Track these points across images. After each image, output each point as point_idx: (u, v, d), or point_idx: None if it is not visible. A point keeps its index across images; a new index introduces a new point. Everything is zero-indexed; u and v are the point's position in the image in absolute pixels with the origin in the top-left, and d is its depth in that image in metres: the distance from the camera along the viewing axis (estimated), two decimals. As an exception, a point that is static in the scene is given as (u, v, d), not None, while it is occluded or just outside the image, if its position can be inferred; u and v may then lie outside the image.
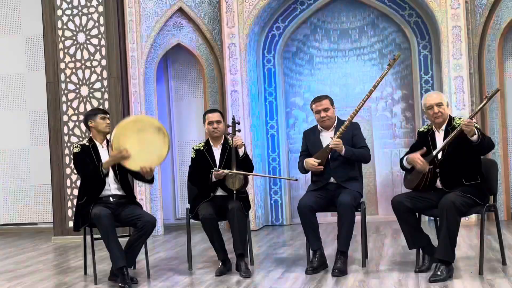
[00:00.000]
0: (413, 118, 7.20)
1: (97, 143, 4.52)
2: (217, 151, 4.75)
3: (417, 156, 4.16)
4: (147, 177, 4.40)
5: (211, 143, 4.78)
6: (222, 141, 4.77)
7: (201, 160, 4.73)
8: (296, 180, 5.01)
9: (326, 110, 4.56)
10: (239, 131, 4.78)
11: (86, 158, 4.41)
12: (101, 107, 6.70)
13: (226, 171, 4.51)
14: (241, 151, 4.67)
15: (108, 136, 4.56)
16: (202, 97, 7.69)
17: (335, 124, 4.63)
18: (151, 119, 4.47)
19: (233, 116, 4.86)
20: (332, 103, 4.62)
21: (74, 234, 6.52)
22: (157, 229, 6.96)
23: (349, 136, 4.56)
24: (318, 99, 4.61)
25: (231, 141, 4.65)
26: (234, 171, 4.57)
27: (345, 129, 4.42)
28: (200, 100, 7.74)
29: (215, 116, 4.70)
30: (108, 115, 4.55)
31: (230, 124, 4.76)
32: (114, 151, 4.27)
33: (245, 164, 4.69)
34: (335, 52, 7.52)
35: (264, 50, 7.51)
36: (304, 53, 7.55)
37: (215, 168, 4.57)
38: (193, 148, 4.81)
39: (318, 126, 4.69)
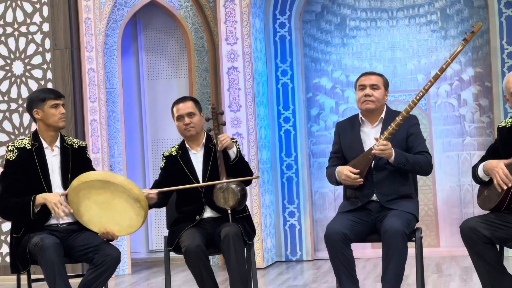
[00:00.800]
0: (491, 107, 7.17)
1: (45, 145, 4.49)
2: (197, 157, 4.74)
3: (499, 165, 4.10)
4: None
5: (187, 146, 4.76)
6: (203, 141, 4.75)
7: (175, 171, 4.71)
8: (258, 177, 4.86)
9: (374, 87, 4.56)
10: (223, 124, 4.73)
11: (18, 174, 4.37)
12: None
13: (151, 192, 4.49)
14: (232, 152, 4.64)
15: (64, 135, 4.57)
16: (187, 76, 7.68)
17: (383, 115, 4.60)
18: (128, 184, 4.39)
19: (213, 105, 4.81)
20: (386, 85, 4.62)
21: (8, 273, 6.52)
22: (122, 266, 6.95)
23: (402, 135, 4.52)
24: (367, 73, 4.67)
25: (215, 141, 4.61)
26: (224, 180, 4.54)
27: (397, 127, 4.38)
28: (184, 81, 7.72)
29: (186, 107, 4.68)
30: (62, 101, 4.51)
31: (210, 116, 4.72)
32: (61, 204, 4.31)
33: (240, 168, 4.66)
34: (377, 12, 7.49)
35: (275, 9, 7.48)
36: (333, 14, 7.52)
37: (146, 189, 4.57)
38: (163, 155, 4.81)
39: (360, 115, 4.65)
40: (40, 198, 4.33)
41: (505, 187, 4.07)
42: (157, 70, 7.82)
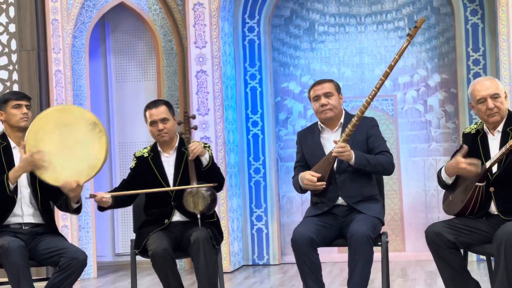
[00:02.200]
0: (457, 113, 7.24)
1: (12, 144, 4.48)
2: (168, 160, 4.73)
3: (458, 161, 4.15)
4: (71, 199, 4.36)
5: (160, 149, 4.75)
6: (175, 145, 4.74)
7: (145, 173, 4.70)
8: (215, 184, 4.67)
9: (327, 95, 4.57)
10: (195, 128, 4.73)
11: None
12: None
13: (104, 195, 4.48)
14: (204, 159, 4.63)
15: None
16: (155, 79, 7.65)
17: (342, 120, 4.63)
18: (83, 110, 4.45)
19: (185, 108, 4.81)
20: (338, 90, 4.63)
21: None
22: (88, 269, 6.91)
23: (362, 137, 4.56)
24: (318, 82, 4.65)
25: (186, 146, 4.60)
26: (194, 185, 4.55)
27: (353, 128, 4.42)
28: (152, 84, 7.70)
29: (159, 113, 4.64)
30: (26, 102, 4.50)
31: (182, 120, 4.72)
32: (25, 153, 4.23)
33: (211, 175, 4.65)
34: (346, 18, 7.53)
35: (244, 13, 7.49)
36: (302, 19, 7.55)
37: (91, 193, 4.56)
38: (134, 155, 4.79)
39: (319, 123, 4.68)
40: (13, 170, 4.30)
41: (479, 170, 4.10)
42: (125, 72, 7.79)
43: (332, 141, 4.53)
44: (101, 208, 4.59)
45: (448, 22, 7.27)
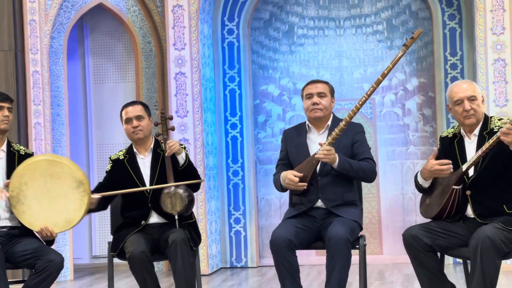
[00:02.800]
0: (434, 117, 7.29)
1: None
2: (144, 161, 4.74)
3: (431, 164, 4.19)
4: (44, 239, 4.44)
5: (135, 150, 4.76)
6: (151, 146, 4.75)
7: (121, 175, 4.71)
8: (201, 180, 4.76)
9: (320, 95, 4.62)
10: (172, 129, 4.74)
11: None
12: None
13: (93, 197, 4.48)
14: (181, 158, 4.65)
15: (8, 137, 4.56)
16: (134, 81, 7.64)
17: (330, 123, 4.66)
18: (74, 167, 4.44)
19: (162, 110, 4.83)
20: (331, 93, 4.70)
21: None
22: (64, 272, 6.87)
23: (348, 142, 4.59)
24: (313, 81, 4.72)
25: (164, 146, 4.62)
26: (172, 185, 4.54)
27: (340, 132, 4.44)
28: (131, 86, 7.68)
29: (134, 110, 4.69)
30: (8, 104, 4.51)
31: (159, 121, 4.73)
32: (5, 190, 4.32)
33: (188, 174, 4.67)
34: (325, 21, 7.56)
35: (224, 16, 7.50)
36: (282, 22, 7.57)
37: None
38: (110, 158, 4.81)
39: (306, 123, 4.70)
40: None
41: (451, 170, 4.13)
42: (103, 74, 7.76)
43: (317, 142, 4.55)
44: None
45: (427, 26, 7.32)
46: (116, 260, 4.70)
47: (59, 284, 6.73)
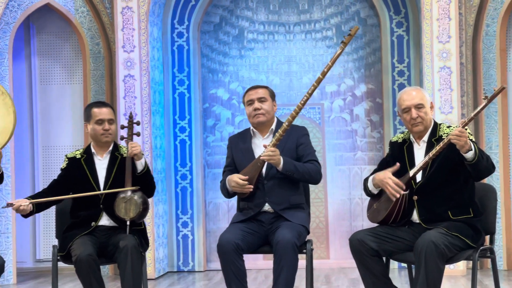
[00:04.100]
0: (382, 123, 7.37)
1: None
2: (101, 163, 4.73)
3: (387, 175, 4.24)
4: None
5: (93, 151, 4.74)
6: (110, 148, 4.75)
7: (76, 174, 4.68)
8: (138, 188, 4.68)
9: (261, 100, 4.65)
10: (138, 134, 4.74)
11: None
12: None
13: (22, 203, 4.43)
14: (140, 164, 4.64)
15: None
16: (81, 83, 7.56)
17: (273, 127, 4.70)
18: None
19: (130, 113, 4.83)
20: (272, 96, 4.73)
21: None
22: (7, 275, 6.78)
23: (292, 145, 4.62)
24: (253, 87, 4.75)
25: (127, 147, 4.61)
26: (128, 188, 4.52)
27: (283, 133, 4.48)
28: (78, 88, 7.60)
29: (108, 113, 4.70)
30: None
31: (126, 125, 4.73)
32: None
33: (145, 181, 4.68)
34: (274, 26, 7.59)
35: (174, 19, 7.47)
36: (232, 26, 7.57)
37: (8, 202, 4.50)
38: (66, 156, 4.79)
39: (251, 129, 4.73)
40: None
41: (398, 196, 4.20)
42: (50, 75, 7.67)
43: (262, 147, 4.57)
44: (24, 215, 4.53)
45: (375, 33, 7.40)
46: (60, 264, 4.65)
47: (1, 287, 6.64)
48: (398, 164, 4.26)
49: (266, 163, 4.53)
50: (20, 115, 7.60)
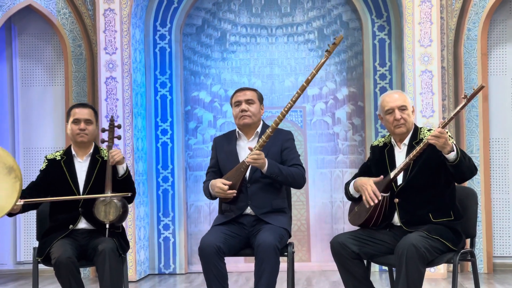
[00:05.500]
0: (363, 126, 7.38)
1: None
2: (82, 165, 4.72)
3: (368, 183, 4.26)
4: None
5: (74, 153, 4.71)
6: (90, 151, 4.72)
7: (55, 176, 4.67)
8: (130, 194, 4.72)
9: (249, 102, 4.66)
10: (119, 138, 4.73)
11: None
12: None
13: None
14: (121, 168, 4.65)
15: None
16: (63, 84, 7.53)
17: (259, 130, 4.70)
18: (3, 153, 4.33)
19: (112, 117, 4.81)
20: (260, 100, 4.74)
21: None
22: (-12, 278, 6.72)
23: (277, 149, 4.63)
24: (241, 89, 4.78)
25: (107, 153, 4.59)
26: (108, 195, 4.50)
27: (267, 139, 4.48)
28: (60, 89, 7.57)
29: (85, 113, 4.69)
30: None
31: (107, 128, 4.71)
32: None
33: (125, 186, 4.68)
34: (257, 29, 7.58)
35: (156, 21, 7.46)
36: (214, 29, 7.56)
37: None
38: (46, 157, 4.77)
39: (236, 130, 4.72)
40: None
41: (372, 203, 4.22)
42: (32, 76, 7.63)
43: (247, 149, 4.57)
44: (9, 214, 4.50)
45: (357, 37, 7.42)
46: (41, 266, 4.63)
47: (-19, 290, 6.59)
48: (382, 176, 4.28)
49: (250, 166, 4.52)
50: (1, 116, 7.55)
